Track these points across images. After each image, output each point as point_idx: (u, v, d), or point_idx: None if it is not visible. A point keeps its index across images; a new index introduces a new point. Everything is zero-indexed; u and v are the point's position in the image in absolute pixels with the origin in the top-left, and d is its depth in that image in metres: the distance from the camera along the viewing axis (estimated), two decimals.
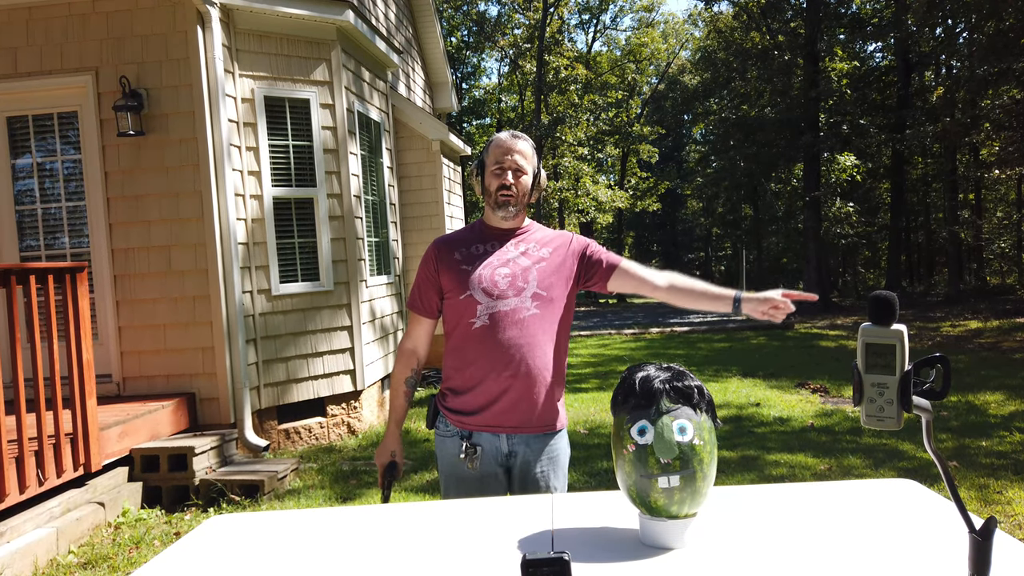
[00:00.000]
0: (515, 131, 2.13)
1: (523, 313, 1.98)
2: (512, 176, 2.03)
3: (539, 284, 2.01)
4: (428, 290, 2.09)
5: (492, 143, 2.08)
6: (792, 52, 19.39)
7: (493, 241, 2.08)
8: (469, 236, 2.11)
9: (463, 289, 2.00)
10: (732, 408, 6.70)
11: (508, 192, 2.02)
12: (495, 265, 2.02)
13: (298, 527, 1.60)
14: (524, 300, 1.98)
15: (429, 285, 2.08)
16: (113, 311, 5.30)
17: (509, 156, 2.03)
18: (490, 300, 1.97)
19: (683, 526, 1.33)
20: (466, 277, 2.00)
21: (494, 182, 2.04)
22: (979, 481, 4.24)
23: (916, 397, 1.01)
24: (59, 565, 3.60)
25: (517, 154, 2.04)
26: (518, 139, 2.06)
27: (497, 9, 31.27)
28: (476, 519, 1.58)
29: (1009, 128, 14.89)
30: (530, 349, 1.97)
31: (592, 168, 28.40)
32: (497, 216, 2.07)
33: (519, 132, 2.10)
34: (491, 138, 2.10)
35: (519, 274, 2.00)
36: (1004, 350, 9.83)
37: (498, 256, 2.04)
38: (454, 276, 2.02)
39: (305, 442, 5.87)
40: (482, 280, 1.99)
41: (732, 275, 42.13)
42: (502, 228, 2.09)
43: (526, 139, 2.08)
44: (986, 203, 24.06)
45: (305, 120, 5.87)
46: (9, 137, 5.40)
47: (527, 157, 2.05)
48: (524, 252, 2.06)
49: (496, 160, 2.04)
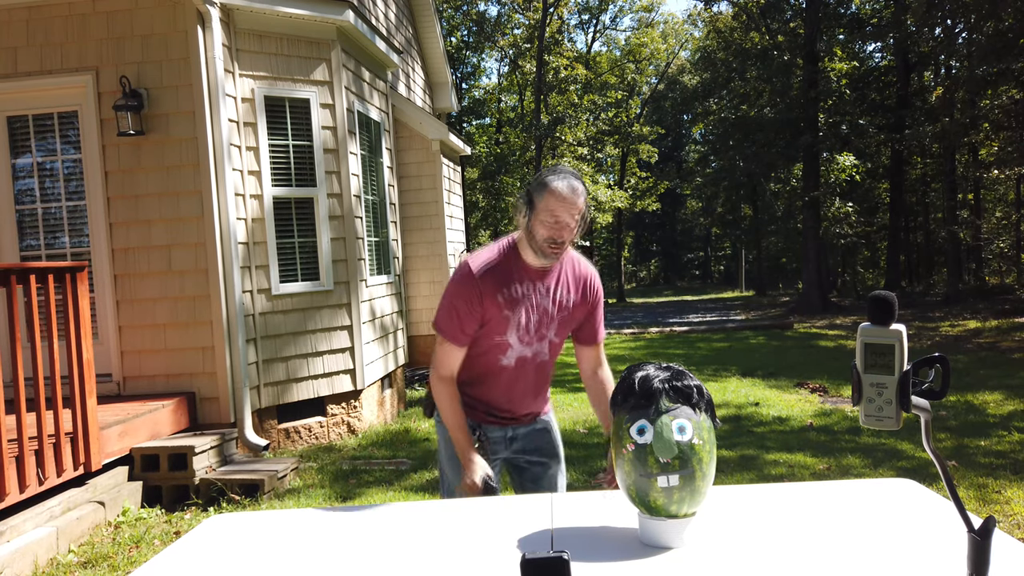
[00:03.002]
0: (572, 177, 1.97)
1: (541, 358, 2.17)
2: (566, 234, 1.99)
3: (556, 332, 2.16)
4: (470, 323, 2.06)
5: (548, 190, 1.96)
6: (791, 52, 19.39)
7: (529, 282, 2.07)
8: (509, 272, 2.06)
9: (501, 333, 2.08)
10: (731, 408, 6.71)
11: (558, 248, 2.00)
12: (531, 312, 2.09)
13: (298, 526, 1.60)
14: (543, 346, 2.15)
15: (472, 319, 2.05)
16: (113, 310, 5.30)
17: (567, 213, 1.96)
18: (520, 346, 2.11)
19: (682, 525, 1.34)
20: (506, 322, 2.06)
21: (544, 233, 1.97)
22: (978, 481, 4.25)
23: (915, 397, 1.01)
24: (59, 564, 3.61)
25: (575, 211, 1.97)
26: (578, 196, 1.96)
27: (497, 9, 31.27)
28: (476, 519, 1.58)
29: (1008, 128, 14.90)
30: (539, 387, 2.23)
31: (592, 168, 28.39)
32: (539, 260, 2.05)
33: (575, 177, 1.98)
34: (545, 180, 1.97)
35: (545, 322, 2.11)
36: (1003, 350, 9.83)
37: (535, 301, 2.09)
38: (497, 318, 2.05)
39: (305, 441, 5.88)
40: (519, 328, 2.08)
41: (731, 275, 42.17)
42: (538, 268, 2.08)
43: (582, 188, 1.98)
44: (985, 203, 24.06)
45: (305, 120, 5.87)
46: (9, 137, 5.40)
47: (581, 211, 1.99)
48: (554, 299, 2.11)
49: (552, 213, 1.95)
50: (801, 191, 19.46)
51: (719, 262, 49.50)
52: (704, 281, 49.74)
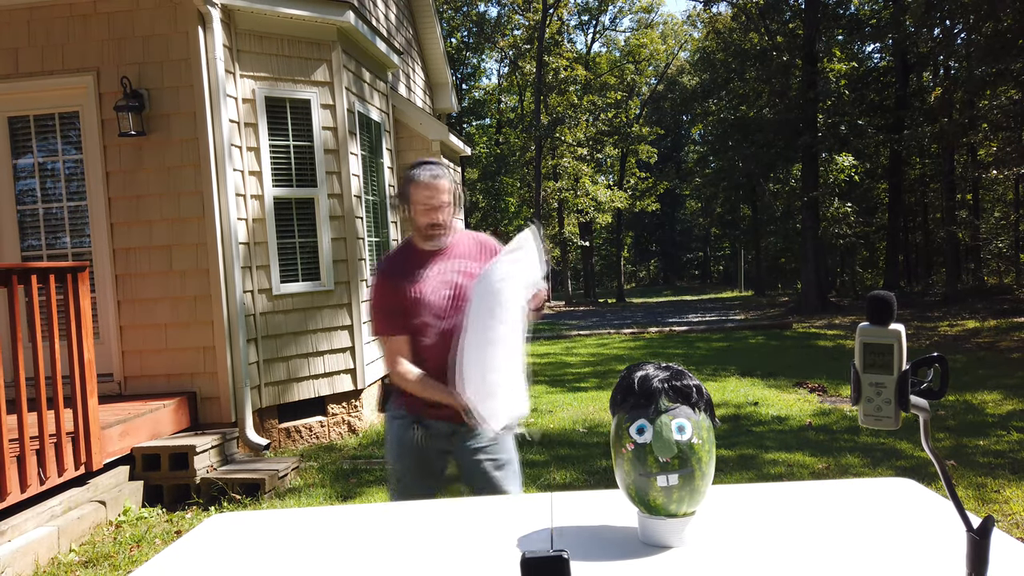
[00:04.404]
0: (431, 165, 2.24)
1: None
2: (440, 215, 2.22)
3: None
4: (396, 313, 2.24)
5: (413, 182, 2.22)
6: (790, 53, 19.39)
7: (430, 264, 2.27)
8: (411, 260, 2.28)
9: (417, 315, 2.22)
10: (730, 407, 6.71)
11: (439, 228, 2.23)
12: (438, 288, 2.24)
13: (299, 526, 1.61)
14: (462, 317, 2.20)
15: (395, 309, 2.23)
16: (114, 310, 5.31)
17: (434, 197, 2.20)
18: (438, 321, 2.22)
19: (682, 524, 1.34)
20: (418, 304, 2.22)
21: (423, 219, 2.22)
22: (977, 480, 4.26)
23: (914, 396, 1.02)
24: (60, 564, 3.62)
25: (441, 192, 2.21)
26: (438, 178, 2.21)
27: (497, 10, 31.25)
28: (476, 518, 1.59)
29: (1007, 128, 14.91)
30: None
31: (591, 168, 28.41)
32: (428, 245, 2.27)
33: (435, 164, 2.25)
34: (409, 174, 2.24)
35: (459, 295, 2.24)
36: (1001, 350, 9.84)
37: (439, 278, 2.25)
38: (410, 301, 2.22)
39: (306, 441, 5.88)
40: (432, 306, 2.22)
41: (730, 275, 42.17)
42: (434, 251, 2.29)
43: (444, 172, 2.24)
44: (984, 203, 24.08)
45: (306, 120, 5.88)
46: (11, 137, 5.41)
47: (448, 190, 2.23)
48: (460, 270, 2.28)
49: (422, 201, 2.21)
50: (800, 191, 19.46)
51: (718, 262, 49.51)
52: (703, 281, 49.76)
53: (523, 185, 29.24)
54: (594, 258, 34.49)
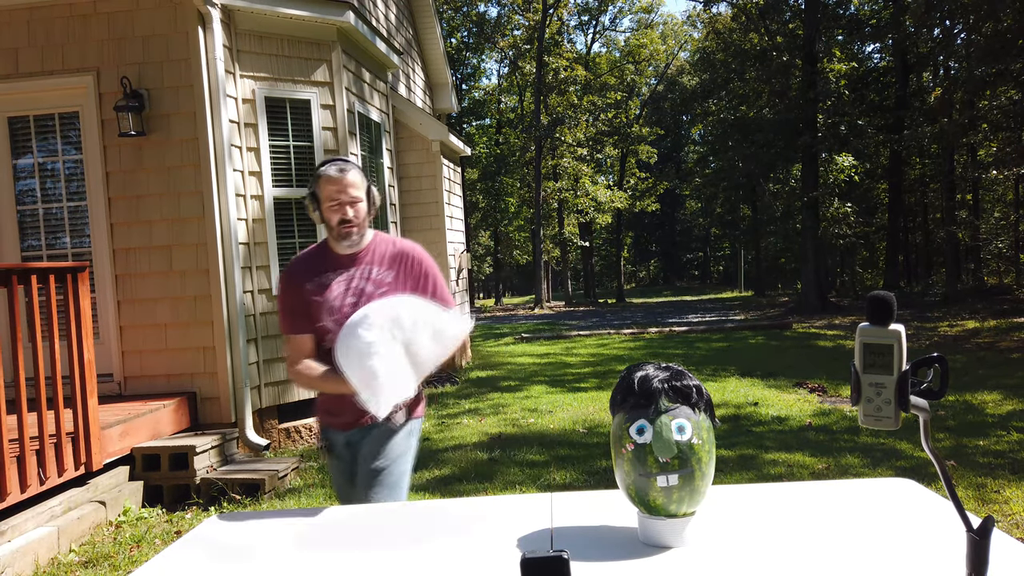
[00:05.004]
0: (339, 160, 2.18)
1: None
2: (350, 210, 2.14)
3: None
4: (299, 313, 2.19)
5: (321, 178, 2.15)
6: (790, 53, 19.39)
7: (340, 269, 2.20)
8: (320, 262, 2.22)
9: (318, 319, 2.16)
10: (730, 407, 6.71)
11: (350, 225, 2.15)
12: (344, 294, 2.17)
13: (299, 526, 1.61)
14: None
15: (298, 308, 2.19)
16: (114, 311, 5.31)
17: (343, 192, 2.13)
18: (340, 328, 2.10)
19: (682, 525, 1.35)
20: (320, 307, 2.16)
21: (334, 217, 2.14)
22: (976, 480, 4.26)
23: (914, 397, 1.02)
24: (60, 564, 3.62)
25: (349, 187, 2.14)
26: (345, 172, 2.14)
27: (497, 10, 31.23)
28: (475, 518, 1.59)
29: (1007, 129, 14.92)
30: None
31: (591, 169, 28.43)
32: (342, 246, 2.19)
33: (343, 160, 2.18)
34: (318, 172, 2.17)
35: (364, 302, 2.14)
36: (1001, 350, 9.85)
37: (346, 284, 2.18)
38: (312, 304, 2.17)
39: (306, 441, 5.88)
40: (332, 311, 2.15)
41: (730, 275, 42.17)
42: (347, 255, 2.21)
43: (352, 167, 2.17)
44: (984, 203, 24.08)
45: (306, 121, 5.88)
46: (10, 137, 5.41)
47: (357, 186, 2.16)
48: (369, 278, 2.20)
49: (330, 197, 2.13)
50: (800, 191, 19.46)
51: (718, 262, 49.50)
52: (703, 281, 49.78)
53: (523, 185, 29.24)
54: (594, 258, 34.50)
